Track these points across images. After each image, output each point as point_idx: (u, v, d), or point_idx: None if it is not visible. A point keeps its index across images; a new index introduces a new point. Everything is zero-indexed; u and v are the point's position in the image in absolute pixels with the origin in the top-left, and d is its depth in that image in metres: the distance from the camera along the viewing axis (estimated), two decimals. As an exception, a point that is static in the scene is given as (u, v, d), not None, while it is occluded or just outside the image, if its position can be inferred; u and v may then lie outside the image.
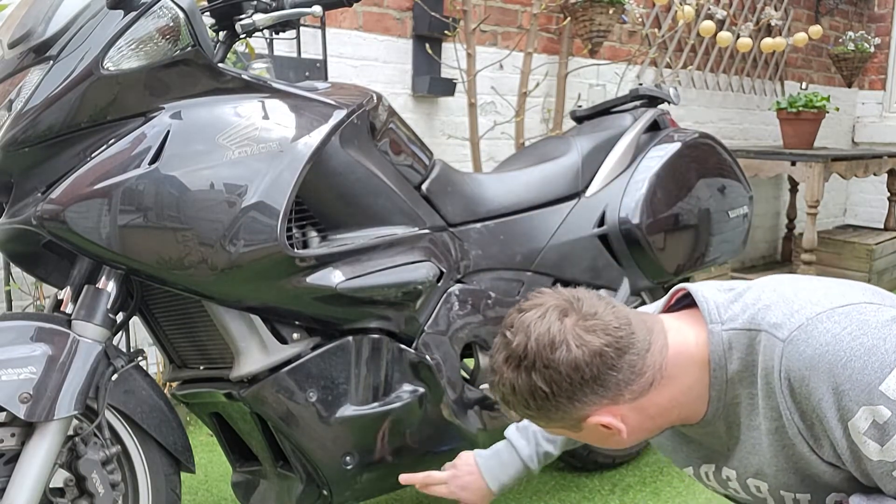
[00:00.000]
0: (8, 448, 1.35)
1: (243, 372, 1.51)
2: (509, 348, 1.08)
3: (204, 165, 1.39)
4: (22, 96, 1.33)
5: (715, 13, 4.32)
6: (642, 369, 1.06)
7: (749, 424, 1.11)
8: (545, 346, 1.04)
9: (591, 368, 1.04)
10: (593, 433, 1.12)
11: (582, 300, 1.08)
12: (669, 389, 1.09)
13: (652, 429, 1.14)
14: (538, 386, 1.05)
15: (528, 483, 2.27)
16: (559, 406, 1.06)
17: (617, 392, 1.06)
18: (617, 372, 1.05)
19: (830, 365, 0.97)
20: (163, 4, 1.38)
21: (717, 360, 1.09)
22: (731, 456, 1.17)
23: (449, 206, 1.82)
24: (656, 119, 2.26)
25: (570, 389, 1.05)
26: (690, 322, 1.13)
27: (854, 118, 5.78)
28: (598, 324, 1.05)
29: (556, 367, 1.04)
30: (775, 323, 1.04)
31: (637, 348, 1.06)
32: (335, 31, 3.08)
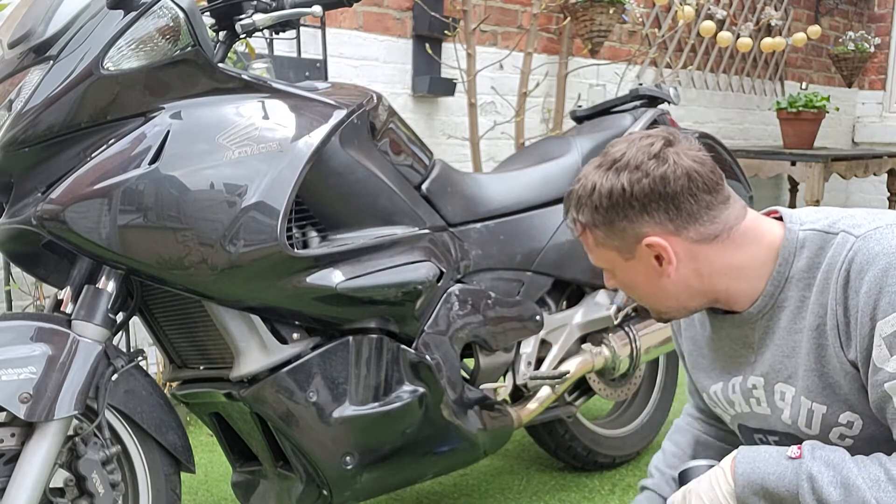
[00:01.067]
0: (8, 448, 1.35)
1: (243, 372, 1.51)
2: (607, 156, 1.13)
3: (204, 165, 1.39)
4: (22, 96, 1.33)
5: (715, 13, 4.32)
6: (716, 217, 1.10)
7: (792, 328, 1.12)
8: (644, 153, 1.09)
9: (676, 184, 1.08)
10: (642, 264, 1.13)
11: (689, 139, 1.13)
12: (730, 254, 1.12)
13: (696, 291, 1.15)
14: (621, 184, 1.09)
15: (528, 483, 2.27)
16: (629, 213, 1.10)
17: (684, 222, 1.09)
18: (695, 202, 1.09)
19: (888, 265, 1.00)
20: (163, 4, 1.38)
21: (785, 254, 1.11)
22: (760, 362, 1.18)
23: (449, 206, 1.82)
24: (656, 119, 2.26)
25: (646, 198, 1.09)
26: (774, 220, 1.16)
27: (854, 118, 5.78)
28: (697, 156, 1.10)
29: (646, 171, 1.08)
30: (855, 224, 1.08)
31: (721, 196, 1.11)
32: (335, 31, 3.08)
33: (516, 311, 1.89)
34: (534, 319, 1.93)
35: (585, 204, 1.13)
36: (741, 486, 1.09)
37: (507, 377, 1.95)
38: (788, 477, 1.05)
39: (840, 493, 1.01)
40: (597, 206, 1.12)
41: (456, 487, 2.25)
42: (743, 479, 1.09)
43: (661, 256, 1.12)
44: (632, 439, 2.38)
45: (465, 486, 2.25)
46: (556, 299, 2.05)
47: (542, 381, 1.95)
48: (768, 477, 1.07)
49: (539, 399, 1.96)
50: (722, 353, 1.25)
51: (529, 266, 1.95)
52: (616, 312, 2.10)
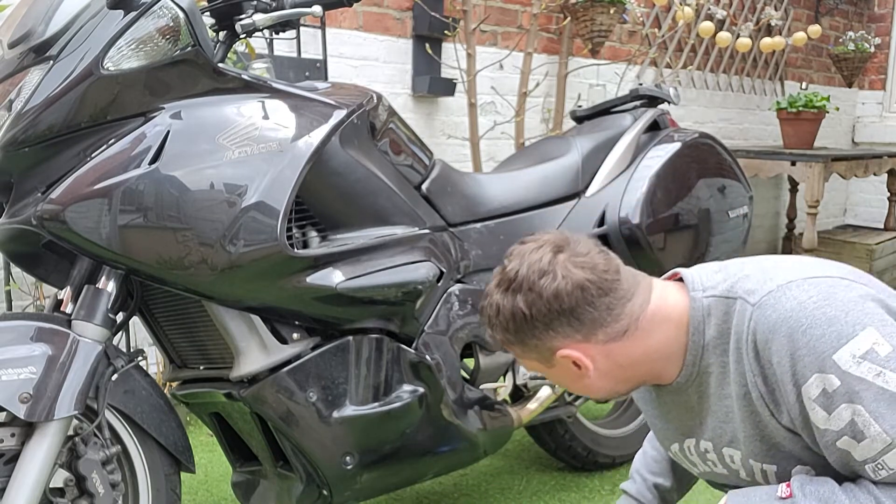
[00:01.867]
0: (8, 448, 1.35)
1: (243, 372, 1.51)
2: (503, 273, 1.15)
3: (204, 165, 1.39)
4: (22, 96, 1.33)
5: (715, 13, 4.32)
6: (619, 315, 1.11)
7: (721, 393, 1.14)
8: (534, 272, 1.10)
9: (570, 299, 1.09)
10: (564, 370, 1.16)
11: (579, 241, 1.14)
12: (643, 342, 1.13)
13: (622, 379, 1.17)
14: (520, 307, 1.11)
15: (528, 483, 2.27)
16: (535, 332, 1.12)
17: (590, 330, 1.11)
18: (594, 309, 1.10)
19: (791, 330, 1.01)
20: (163, 4, 1.38)
21: (695, 325, 1.12)
22: (705, 427, 1.19)
23: (449, 206, 1.82)
24: (656, 119, 2.26)
25: (547, 316, 1.10)
26: (677, 288, 1.17)
27: (854, 118, 5.78)
28: (587, 261, 1.11)
29: (539, 292, 1.10)
30: (749, 290, 1.08)
31: (618, 294, 1.11)
32: (335, 31, 3.08)
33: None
34: (534, 319, 1.93)
35: (496, 325, 1.16)
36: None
37: (507, 377, 1.95)
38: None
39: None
40: (505, 327, 1.15)
41: (456, 487, 2.25)
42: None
43: (578, 363, 1.14)
44: (632, 439, 2.38)
45: (465, 486, 2.25)
46: (556, 299, 2.05)
47: (542, 381, 1.95)
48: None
49: (539, 399, 1.96)
50: (671, 416, 1.26)
51: (529, 266, 1.95)
52: (616, 312, 2.09)
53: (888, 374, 0.97)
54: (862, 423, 0.97)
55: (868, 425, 0.97)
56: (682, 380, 1.17)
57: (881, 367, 0.97)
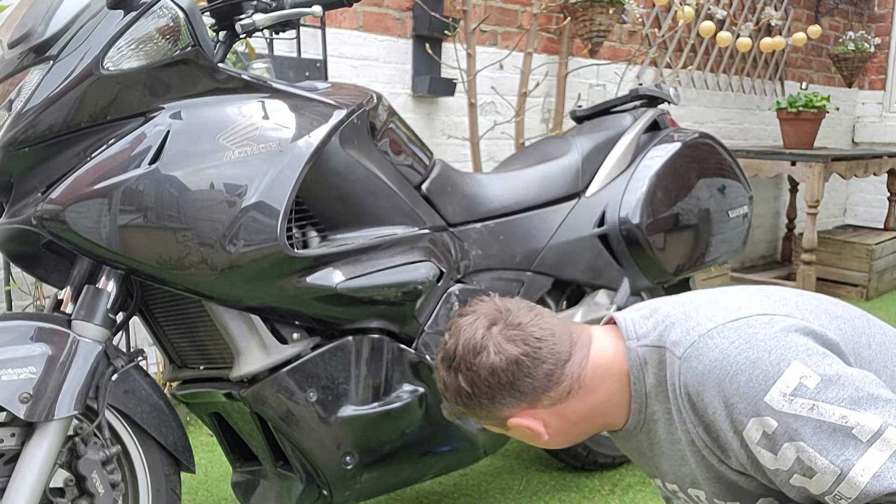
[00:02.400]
0: (8, 448, 1.35)
1: (243, 372, 1.51)
2: (444, 349, 1.17)
3: (204, 165, 1.39)
4: (22, 96, 1.33)
5: (715, 13, 4.32)
6: (560, 378, 1.13)
7: (671, 438, 1.15)
8: (469, 351, 1.13)
9: (507, 374, 1.11)
10: (520, 433, 1.18)
11: (511, 311, 1.15)
12: (588, 399, 1.15)
13: (576, 433, 1.20)
14: (462, 386, 1.14)
15: (528, 483, 2.27)
16: (481, 406, 1.15)
17: (534, 398, 1.13)
18: (533, 379, 1.12)
19: (719, 379, 1.02)
20: (163, 4, 1.38)
21: (635, 374, 1.14)
22: (664, 470, 1.21)
23: (449, 206, 1.82)
24: (656, 119, 2.26)
25: (489, 392, 1.13)
26: (613, 337, 1.18)
27: (854, 118, 5.78)
28: (520, 334, 1.13)
29: (476, 371, 1.12)
30: (675, 341, 1.09)
31: (555, 359, 1.13)
32: (335, 31, 3.08)
33: (516, 311, 1.89)
34: (534, 319, 1.93)
35: (448, 398, 1.19)
36: None
37: (507, 377, 1.95)
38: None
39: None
40: (456, 401, 1.18)
41: (456, 487, 2.25)
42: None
43: (530, 429, 1.16)
44: (632, 439, 2.38)
45: (465, 486, 2.26)
46: (556, 299, 2.05)
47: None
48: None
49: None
50: (633, 456, 1.27)
51: (529, 266, 1.95)
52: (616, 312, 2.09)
53: (821, 406, 0.96)
54: (808, 459, 0.97)
55: (814, 460, 0.96)
56: (630, 426, 1.18)
57: (813, 401, 0.97)
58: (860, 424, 0.95)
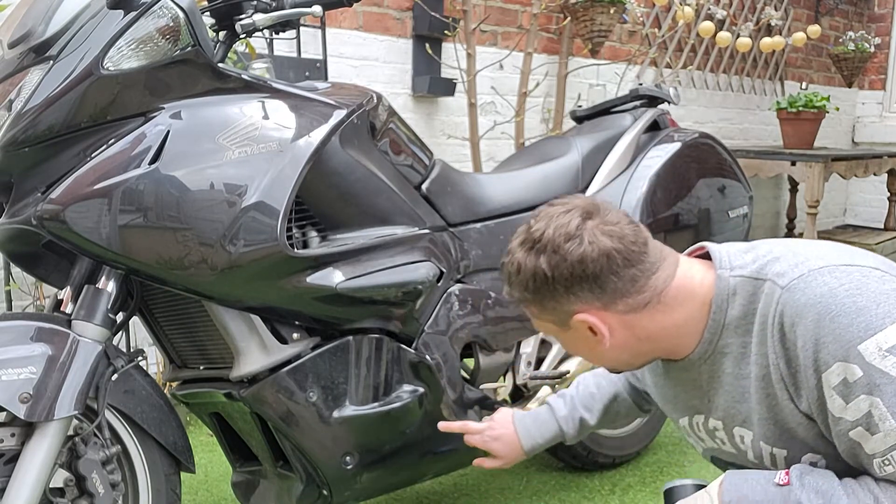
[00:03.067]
0: (8, 448, 1.35)
1: (243, 372, 1.51)
2: (528, 233, 1.14)
3: (204, 165, 1.39)
4: (22, 96, 1.33)
5: (715, 13, 4.32)
6: (643, 287, 1.10)
7: (738, 374, 1.13)
8: (560, 235, 1.10)
9: (595, 266, 1.08)
10: (579, 335, 1.15)
11: (608, 210, 1.13)
12: (663, 317, 1.12)
13: (636, 352, 1.17)
14: (541, 270, 1.10)
15: (528, 483, 2.27)
16: (554, 294, 1.11)
17: (612, 298, 1.10)
18: (618, 279, 1.09)
19: (819, 316, 1.00)
20: (163, 4, 1.38)
21: (719, 303, 1.11)
22: (715, 406, 1.19)
23: (449, 206, 1.82)
24: (656, 119, 2.26)
25: (568, 280, 1.09)
26: (703, 266, 1.16)
27: (854, 118, 5.78)
28: (616, 230, 1.10)
29: (563, 255, 1.09)
30: (779, 272, 1.07)
31: (644, 266, 1.10)
32: (335, 31, 3.08)
33: (516, 310, 1.89)
34: (534, 319, 1.93)
35: (515, 283, 1.16)
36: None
37: (507, 377, 1.95)
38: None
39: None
40: (525, 286, 1.14)
41: (456, 487, 2.25)
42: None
43: (594, 329, 1.13)
44: (632, 439, 2.38)
45: (465, 486, 2.26)
46: (556, 299, 2.05)
47: (542, 381, 1.95)
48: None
49: (539, 399, 1.96)
50: (679, 391, 1.26)
51: (529, 266, 1.95)
52: (616, 312, 2.09)
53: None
54: (878, 417, 0.96)
55: (884, 419, 0.96)
56: (695, 357, 1.15)
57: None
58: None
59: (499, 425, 1.56)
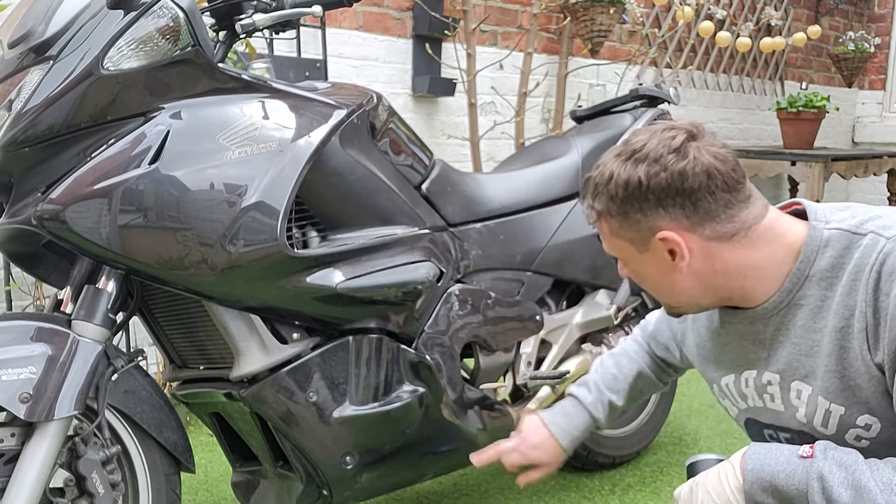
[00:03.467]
0: (8, 448, 1.35)
1: (243, 372, 1.51)
2: (628, 145, 1.11)
3: (204, 165, 1.39)
4: (22, 96, 1.33)
5: (715, 13, 4.32)
6: (733, 216, 1.08)
7: (811, 327, 1.11)
8: (664, 147, 1.07)
9: (693, 181, 1.06)
10: (655, 258, 1.12)
11: (713, 136, 1.11)
12: (746, 253, 1.10)
13: (709, 287, 1.13)
14: (637, 179, 1.07)
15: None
16: (643, 206, 1.08)
17: (701, 220, 1.08)
18: (712, 200, 1.07)
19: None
20: (163, 4, 1.38)
21: (808, 252, 1.09)
22: (775, 359, 1.16)
23: (449, 206, 1.82)
24: (656, 119, 2.26)
25: (662, 193, 1.07)
26: (794, 219, 1.14)
27: (854, 118, 5.78)
28: (720, 153, 1.08)
29: (663, 165, 1.06)
30: (885, 225, 1.06)
31: (739, 196, 1.08)
32: (335, 31, 3.08)
33: (516, 311, 1.89)
34: (534, 319, 1.93)
35: (602, 192, 1.12)
36: (750, 483, 1.08)
37: (507, 377, 1.95)
38: (798, 475, 1.04)
39: (850, 494, 0.99)
40: (612, 195, 1.10)
41: (456, 487, 2.25)
42: (752, 476, 1.08)
43: (674, 251, 1.10)
44: (632, 439, 2.38)
45: (465, 486, 2.26)
46: (556, 299, 2.05)
47: (542, 381, 1.95)
48: (778, 475, 1.06)
49: (539, 399, 1.96)
50: (731, 347, 1.23)
51: (529, 266, 1.95)
52: (616, 312, 2.10)
53: None
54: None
55: None
56: (768, 306, 1.13)
57: None
58: None
59: (531, 434, 1.51)
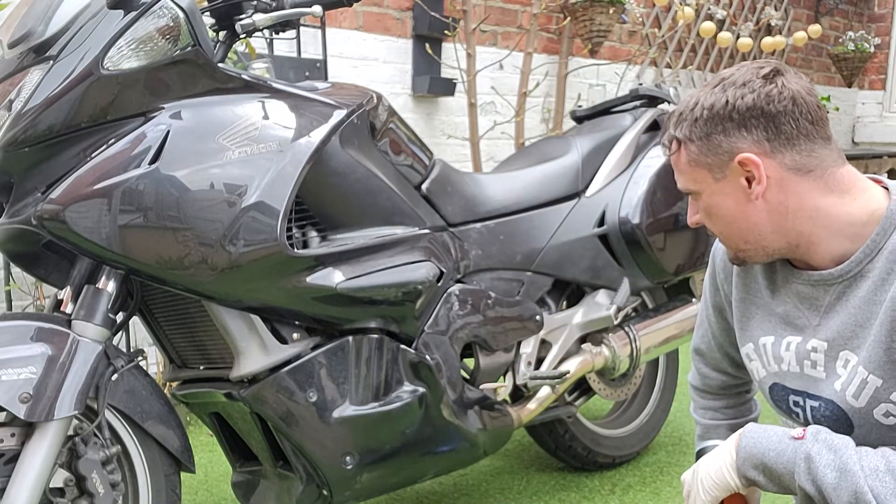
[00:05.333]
0: (8, 448, 1.35)
1: (243, 372, 1.51)
2: (718, 76, 1.13)
3: (204, 165, 1.39)
4: (22, 96, 1.33)
5: (715, 13, 4.32)
6: (813, 149, 1.09)
7: (871, 299, 1.10)
8: (754, 73, 1.10)
9: (779, 104, 1.07)
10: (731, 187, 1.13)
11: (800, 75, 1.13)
12: (821, 195, 1.10)
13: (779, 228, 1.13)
14: (725, 98, 1.10)
15: (528, 483, 2.27)
16: (726, 127, 1.10)
17: (781, 145, 1.09)
18: (795, 126, 1.08)
19: None
20: (163, 4, 1.38)
21: (886, 225, 1.09)
22: (826, 327, 1.15)
23: (449, 206, 1.82)
24: (656, 119, 2.26)
25: (749, 111, 1.09)
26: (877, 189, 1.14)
27: (854, 118, 5.78)
28: (807, 86, 1.10)
29: (752, 88, 1.08)
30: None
31: (822, 132, 1.09)
32: (335, 31, 3.08)
33: (516, 311, 1.89)
34: (534, 319, 1.93)
35: (686, 118, 1.14)
36: (742, 459, 1.11)
37: (507, 377, 1.95)
38: (787, 455, 1.06)
39: (835, 476, 1.02)
40: (697, 118, 1.12)
41: (456, 487, 2.25)
42: (744, 452, 1.11)
43: (751, 178, 1.10)
44: (632, 439, 2.38)
45: (465, 486, 2.26)
46: (556, 299, 2.05)
47: (542, 381, 1.95)
48: (768, 453, 1.09)
49: (539, 399, 1.96)
50: (781, 308, 1.22)
51: (529, 266, 1.95)
52: (616, 312, 2.10)
53: None
54: None
55: None
56: (836, 272, 1.12)
57: None
58: None
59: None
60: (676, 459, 2.44)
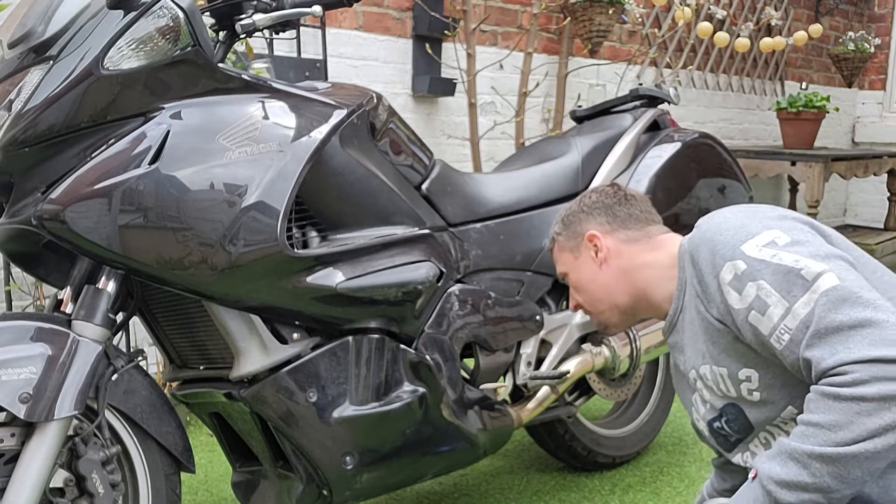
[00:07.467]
0: (8, 448, 1.35)
1: (243, 372, 1.51)
2: None
3: (204, 165, 1.39)
4: (22, 96, 1.33)
5: (715, 13, 4.32)
6: (641, 227, 1.46)
7: (690, 319, 1.32)
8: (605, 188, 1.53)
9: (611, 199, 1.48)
10: (584, 260, 1.47)
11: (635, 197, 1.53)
12: (644, 254, 1.42)
13: (623, 286, 1.43)
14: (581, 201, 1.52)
15: (528, 483, 2.27)
16: (580, 218, 1.49)
17: (616, 226, 1.46)
18: (628, 212, 1.46)
19: (713, 233, 1.25)
20: (163, 4, 1.38)
21: (681, 259, 1.33)
22: (689, 355, 1.36)
23: (449, 206, 1.82)
24: (656, 119, 2.26)
25: (591, 207, 1.49)
26: None
27: (854, 118, 5.78)
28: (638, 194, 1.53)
29: (599, 191, 1.52)
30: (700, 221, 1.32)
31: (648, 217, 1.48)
32: (335, 31, 3.08)
33: (516, 311, 1.89)
34: (534, 319, 1.93)
35: (556, 222, 1.55)
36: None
37: (507, 377, 1.95)
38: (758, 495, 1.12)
39: (794, 465, 1.08)
40: (562, 218, 1.53)
41: (456, 487, 2.25)
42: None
43: (597, 250, 1.45)
44: (632, 439, 2.38)
45: (465, 486, 2.26)
46: (556, 299, 2.05)
47: (542, 381, 1.95)
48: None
49: (539, 399, 1.96)
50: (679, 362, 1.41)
51: (529, 266, 1.95)
52: (616, 312, 2.09)
53: (782, 254, 1.15)
54: (764, 295, 1.14)
55: (769, 295, 1.14)
56: (671, 312, 1.36)
57: (777, 251, 1.16)
58: (808, 268, 1.12)
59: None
60: (676, 459, 2.44)
